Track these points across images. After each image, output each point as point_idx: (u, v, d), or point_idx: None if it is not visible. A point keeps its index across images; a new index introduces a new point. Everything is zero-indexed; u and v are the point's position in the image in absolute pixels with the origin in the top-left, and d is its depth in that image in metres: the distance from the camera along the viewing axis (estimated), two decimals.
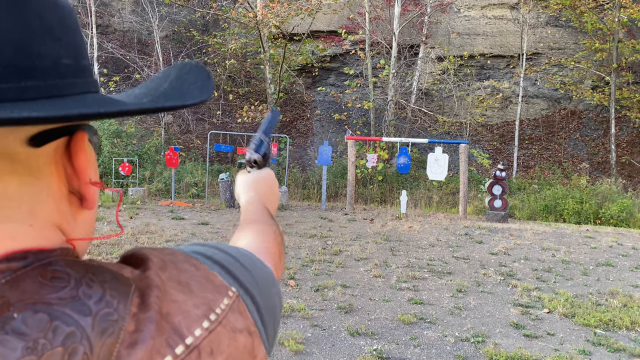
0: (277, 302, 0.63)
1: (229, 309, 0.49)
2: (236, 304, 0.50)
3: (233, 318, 0.48)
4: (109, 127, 14.27)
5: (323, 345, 4.18)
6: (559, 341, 4.48)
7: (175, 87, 0.49)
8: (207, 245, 0.60)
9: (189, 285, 0.47)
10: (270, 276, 0.64)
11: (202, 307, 0.46)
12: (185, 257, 0.51)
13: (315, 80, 20.93)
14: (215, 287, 0.49)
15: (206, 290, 0.48)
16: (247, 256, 0.63)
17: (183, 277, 0.48)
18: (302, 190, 14.93)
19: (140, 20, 19.39)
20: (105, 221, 9.09)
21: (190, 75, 0.52)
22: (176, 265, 0.49)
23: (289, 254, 7.22)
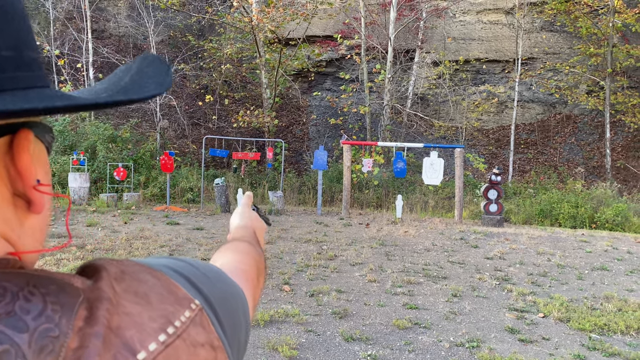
0: (242, 322, 0.60)
1: (191, 322, 0.46)
2: (199, 317, 0.48)
3: (194, 332, 0.46)
4: (104, 132, 14.23)
5: (317, 350, 4.16)
6: (554, 346, 4.46)
7: (135, 80, 0.47)
8: (175, 259, 0.58)
9: (148, 296, 0.45)
10: (239, 296, 0.62)
11: (160, 320, 0.44)
12: (148, 269, 0.49)
13: (311, 85, 20.94)
14: (177, 299, 0.47)
15: (166, 302, 0.46)
16: (215, 272, 0.61)
17: (141, 289, 0.45)
18: (298, 195, 14.90)
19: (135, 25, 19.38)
20: (100, 226, 9.04)
21: (151, 68, 0.49)
22: (136, 276, 0.47)
23: (284, 259, 7.19)
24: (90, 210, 10.97)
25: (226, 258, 0.81)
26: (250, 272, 0.79)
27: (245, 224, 1.05)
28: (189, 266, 0.57)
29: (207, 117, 19.06)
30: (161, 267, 0.52)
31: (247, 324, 0.63)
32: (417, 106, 18.90)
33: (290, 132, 19.91)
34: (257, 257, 0.87)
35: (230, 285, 0.61)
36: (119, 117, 17.59)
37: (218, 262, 0.80)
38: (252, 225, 1.06)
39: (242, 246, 0.87)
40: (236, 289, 0.63)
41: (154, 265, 0.52)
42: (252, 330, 4.50)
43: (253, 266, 0.82)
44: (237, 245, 0.87)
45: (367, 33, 18.22)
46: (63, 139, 14.04)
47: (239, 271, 0.76)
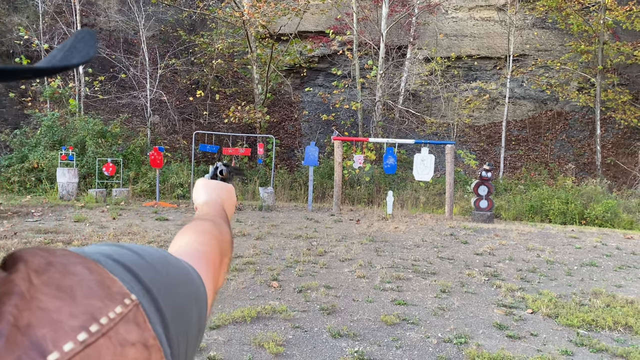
0: (194, 312, 0.56)
1: (121, 319, 0.42)
2: (133, 313, 0.44)
3: (125, 329, 0.42)
4: (93, 127, 14.11)
5: (304, 347, 4.12)
6: (542, 342, 4.45)
7: (65, 55, 0.45)
8: (117, 246, 0.54)
9: (72, 290, 0.41)
10: (191, 283, 0.58)
11: (82, 317, 0.40)
12: (81, 260, 0.45)
13: (304, 81, 20.87)
14: (109, 293, 0.43)
15: (93, 297, 0.42)
16: (163, 258, 0.56)
17: (67, 282, 0.42)
18: (289, 191, 14.85)
19: (126, 19, 19.20)
20: (88, 222, 8.95)
21: (82, 43, 0.47)
22: (64, 267, 0.43)
23: (273, 255, 7.15)
24: (78, 205, 10.87)
25: (185, 239, 0.77)
26: (212, 254, 0.74)
27: (210, 199, 0.98)
28: (132, 254, 0.53)
29: (198, 113, 18.94)
30: (99, 257, 0.48)
31: (201, 312, 0.59)
32: (409, 102, 18.88)
33: (282, 128, 19.84)
34: (220, 236, 0.82)
35: (181, 272, 0.57)
36: (109, 112, 17.45)
37: (177, 244, 0.76)
38: (219, 199, 1.00)
39: (205, 226, 0.82)
40: (189, 275, 0.59)
41: (91, 254, 0.48)
42: (239, 327, 4.46)
43: (215, 247, 0.77)
44: (199, 225, 0.82)
45: (359, 29, 18.16)
46: (52, 134, 13.90)
47: (198, 253, 0.71)
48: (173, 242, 0.78)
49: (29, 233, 7.77)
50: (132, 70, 17.31)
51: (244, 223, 9.66)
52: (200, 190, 1.02)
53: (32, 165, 13.14)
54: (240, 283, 5.72)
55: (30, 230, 8.01)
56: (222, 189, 1.04)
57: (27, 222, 8.74)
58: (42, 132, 13.98)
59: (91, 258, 0.47)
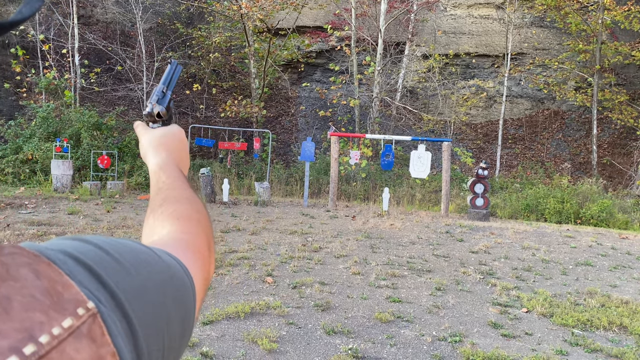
0: (174, 313, 0.50)
1: (70, 335, 0.36)
2: (87, 326, 0.37)
3: (73, 347, 0.35)
4: (89, 119, 14.01)
5: (298, 343, 4.09)
6: (536, 341, 4.44)
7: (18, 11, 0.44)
8: (81, 240, 0.47)
9: (9, 301, 0.34)
10: (172, 281, 0.51)
11: (15, 336, 0.33)
12: (32, 260, 0.39)
13: (301, 76, 20.79)
14: (58, 302, 0.37)
15: (35, 309, 0.35)
16: (134, 255, 0.49)
17: (4, 290, 0.35)
18: (285, 187, 14.81)
19: (123, 11, 19.06)
20: (82, 215, 8.89)
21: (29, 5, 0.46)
22: (6, 271, 0.36)
23: (268, 251, 7.11)
24: (72, 198, 10.80)
25: (165, 228, 0.67)
26: (199, 242, 0.66)
27: (163, 161, 0.81)
28: (98, 251, 0.46)
29: (195, 106, 18.86)
30: (57, 255, 0.42)
31: (186, 310, 0.52)
32: (406, 99, 18.85)
33: (279, 123, 19.77)
34: (200, 217, 0.71)
35: (156, 269, 0.50)
36: (105, 104, 17.34)
37: (156, 236, 0.66)
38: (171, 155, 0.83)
39: (182, 209, 0.71)
40: (168, 271, 0.52)
41: (49, 252, 0.42)
42: (232, 323, 4.42)
43: (201, 233, 0.68)
44: (175, 209, 0.70)
45: (358, 24, 18.09)
46: (47, 126, 13.80)
47: (183, 243, 0.63)
48: (148, 231, 0.69)
49: (22, 225, 7.71)
50: (128, 62, 17.20)
51: (239, 218, 9.62)
52: (147, 148, 0.85)
53: (26, 157, 13.05)
54: (235, 278, 5.68)
55: (23, 222, 7.94)
56: (170, 138, 0.86)
57: (20, 214, 8.67)
58: (37, 124, 13.88)
59: (46, 256, 0.40)
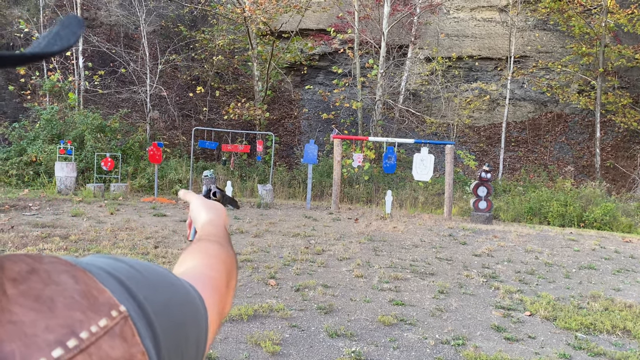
0: (191, 334, 0.52)
1: (106, 333, 0.39)
2: (119, 326, 0.40)
3: (108, 344, 0.39)
4: (93, 121, 14.05)
5: (301, 346, 4.10)
6: (539, 344, 4.43)
7: (47, 44, 0.42)
8: (114, 259, 0.51)
9: (53, 301, 0.38)
10: (191, 305, 0.55)
11: (60, 331, 0.36)
12: (69, 267, 0.42)
13: (304, 79, 20.82)
14: (94, 304, 0.40)
15: (75, 309, 0.39)
16: (162, 275, 0.53)
17: (47, 292, 0.38)
18: (288, 189, 14.82)
19: (127, 14, 19.13)
20: (85, 217, 8.92)
21: (66, 30, 0.44)
22: (48, 276, 0.40)
23: (271, 253, 7.12)
24: (76, 200, 10.83)
25: (193, 262, 0.74)
26: (219, 279, 0.72)
27: (213, 220, 0.94)
28: (129, 268, 0.50)
29: (198, 109, 18.90)
30: (91, 267, 0.45)
31: (200, 336, 0.55)
32: (409, 102, 18.85)
33: (282, 125, 19.80)
34: (227, 259, 0.80)
35: (180, 291, 0.54)
36: (109, 106, 17.40)
37: (184, 266, 0.73)
38: (221, 219, 0.96)
39: (212, 248, 0.80)
40: (189, 297, 0.55)
41: (84, 264, 0.45)
42: (235, 325, 4.43)
43: (222, 271, 0.75)
44: (205, 247, 0.80)
45: (361, 27, 18.12)
46: (51, 128, 13.85)
47: (204, 277, 0.69)
48: (179, 263, 0.76)
49: (26, 227, 7.73)
50: (132, 65, 17.26)
51: (242, 220, 9.63)
52: (200, 208, 0.97)
53: (30, 159, 13.10)
54: (238, 281, 5.68)
55: (27, 224, 7.97)
56: (221, 209, 1.00)
57: (24, 216, 8.70)
58: (41, 126, 13.93)
59: (81, 267, 0.44)
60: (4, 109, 16.24)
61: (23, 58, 0.40)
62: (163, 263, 6.16)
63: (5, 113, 16.12)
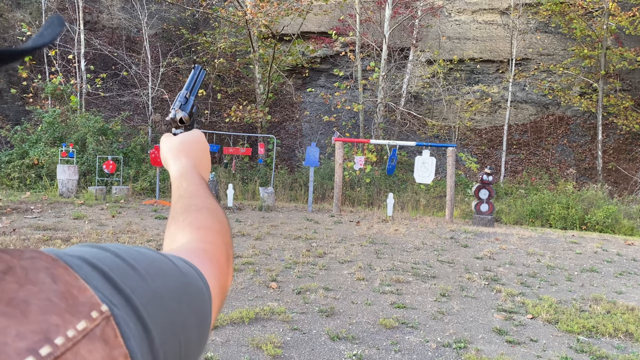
0: (190, 319, 0.51)
1: (84, 337, 0.37)
2: (100, 328, 0.39)
3: (87, 349, 0.37)
4: (94, 124, 14.08)
5: (302, 349, 4.09)
6: (541, 348, 4.42)
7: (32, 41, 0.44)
8: (98, 248, 0.49)
9: (27, 304, 0.36)
10: (187, 288, 0.53)
11: (32, 337, 0.34)
12: (49, 264, 0.40)
13: (305, 82, 20.85)
14: (73, 305, 0.38)
15: (51, 312, 0.37)
16: (149, 262, 0.51)
17: (22, 294, 0.36)
18: (289, 192, 14.82)
19: (129, 17, 19.19)
20: (87, 219, 8.92)
21: (49, 29, 0.46)
22: (25, 275, 0.38)
23: (272, 256, 7.12)
24: (78, 203, 10.84)
25: (185, 237, 0.69)
26: (216, 252, 0.67)
27: (183, 168, 0.83)
28: (114, 258, 0.48)
29: (200, 112, 18.90)
30: (74, 261, 0.44)
31: (203, 317, 0.54)
32: (410, 105, 18.86)
33: (283, 128, 19.81)
34: (221, 227, 0.73)
35: (172, 276, 0.52)
36: (111, 109, 17.43)
37: (175, 244, 0.68)
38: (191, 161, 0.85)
39: (202, 218, 0.72)
40: (184, 278, 0.53)
41: (66, 257, 0.43)
42: (237, 328, 4.43)
43: (219, 243, 0.69)
44: (196, 218, 0.72)
45: (362, 30, 18.14)
46: (53, 131, 13.88)
47: (199, 252, 0.65)
48: (169, 238, 0.71)
49: (28, 229, 7.74)
50: (134, 68, 17.29)
51: (243, 223, 9.63)
52: (167, 155, 0.88)
53: (32, 162, 13.12)
54: (239, 284, 5.69)
55: (29, 226, 7.98)
56: (192, 144, 0.89)
57: (26, 219, 8.72)
58: (43, 129, 13.96)
59: (64, 261, 0.42)
60: (6, 112, 16.28)
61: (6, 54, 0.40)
62: None
63: (7, 116, 16.16)
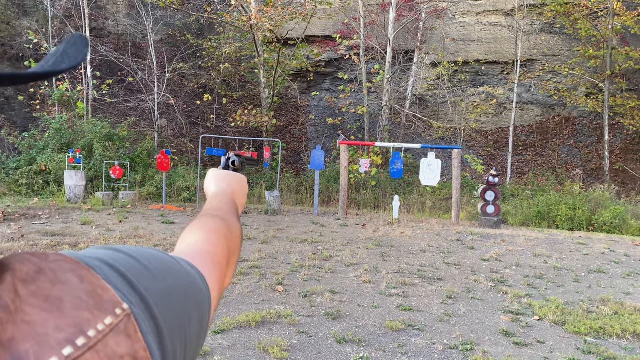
0: (193, 315, 0.55)
1: (111, 331, 0.41)
2: (124, 323, 0.43)
3: (114, 341, 0.41)
4: (101, 130, 14.18)
5: (309, 352, 4.10)
6: (548, 349, 4.41)
7: (56, 62, 0.45)
8: (113, 249, 0.53)
9: (61, 301, 0.40)
10: (191, 287, 0.57)
11: (69, 330, 0.39)
12: (74, 266, 0.44)
13: (310, 85, 20.90)
14: (99, 303, 0.42)
15: (82, 308, 0.41)
16: (161, 262, 0.55)
17: (56, 292, 0.41)
18: (295, 195, 14.85)
19: (134, 23, 19.32)
20: (94, 225, 8.98)
21: (73, 48, 0.47)
22: (55, 275, 0.42)
23: (279, 259, 7.14)
24: (85, 208, 10.91)
25: (193, 237, 0.75)
26: (219, 254, 0.72)
27: (221, 190, 0.96)
28: (129, 259, 0.52)
29: (206, 117, 19.01)
30: (94, 262, 0.47)
31: (203, 315, 0.58)
32: (415, 107, 18.85)
33: (289, 132, 19.86)
34: (229, 234, 0.79)
35: (180, 276, 0.56)
36: (117, 115, 17.53)
37: (185, 242, 0.74)
38: (229, 189, 0.97)
39: (214, 223, 0.79)
40: (189, 278, 0.58)
41: (87, 259, 0.47)
42: (243, 332, 4.45)
43: (223, 247, 0.75)
44: (206, 222, 0.80)
45: (366, 33, 18.17)
46: (60, 137, 13.98)
47: (204, 253, 0.70)
48: (181, 239, 0.77)
49: (36, 235, 7.80)
50: (140, 73, 17.40)
51: (249, 227, 9.66)
52: (211, 180, 1.00)
53: (40, 168, 13.22)
54: (246, 287, 5.71)
55: (37, 232, 8.04)
56: (234, 178, 1.01)
57: (34, 225, 8.79)
58: (50, 135, 14.07)
59: (85, 263, 0.46)
60: (14, 119, 16.42)
61: (34, 76, 0.42)
62: None
63: (15, 123, 16.30)
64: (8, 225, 8.57)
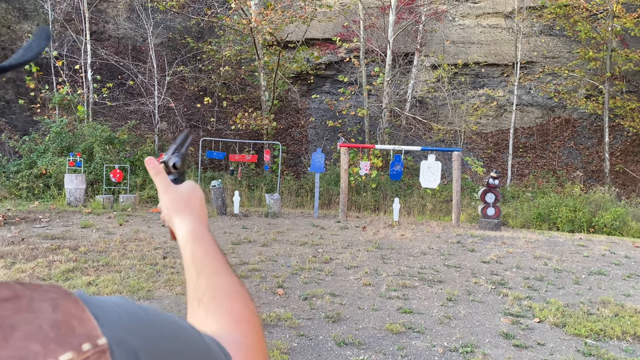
0: None
1: None
2: None
3: None
4: (101, 133, 14.19)
5: (309, 355, 4.10)
6: (549, 351, 4.40)
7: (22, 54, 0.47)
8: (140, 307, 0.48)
9: (13, 330, 0.36)
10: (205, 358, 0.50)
11: None
12: (59, 296, 0.40)
13: (310, 88, 20.92)
14: (64, 336, 0.37)
15: (35, 340, 0.36)
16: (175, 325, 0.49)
17: (12, 320, 0.36)
18: (295, 198, 14.85)
19: (134, 27, 19.36)
20: (95, 228, 8.99)
21: (36, 41, 0.49)
22: (28, 304, 0.38)
23: (279, 262, 7.14)
24: (85, 211, 10.92)
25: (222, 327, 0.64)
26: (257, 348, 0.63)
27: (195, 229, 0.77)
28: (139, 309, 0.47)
29: (206, 119, 19.02)
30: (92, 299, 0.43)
31: None
32: (415, 109, 18.87)
33: (289, 134, 19.87)
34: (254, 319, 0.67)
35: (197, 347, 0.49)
36: (117, 118, 17.55)
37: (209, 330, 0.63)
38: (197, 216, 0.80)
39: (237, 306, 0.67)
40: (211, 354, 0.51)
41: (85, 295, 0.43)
42: None
43: (259, 339, 0.65)
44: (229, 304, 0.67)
45: (366, 36, 18.20)
46: (60, 140, 13.99)
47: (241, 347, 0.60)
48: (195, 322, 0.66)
49: (36, 239, 7.81)
50: (140, 77, 17.42)
51: (249, 230, 9.66)
52: (172, 213, 0.81)
53: (40, 171, 13.23)
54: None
55: (37, 236, 8.05)
56: (191, 195, 0.83)
57: (34, 228, 8.79)
58: (51, 139, 14.08)
59: (75, 296, 0.42)
60: (15, 123, 16.44)
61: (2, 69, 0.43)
62: (171, 273, 6.20)
63: (15, 126, 16.32)
64: (8, 229, 8.57)
